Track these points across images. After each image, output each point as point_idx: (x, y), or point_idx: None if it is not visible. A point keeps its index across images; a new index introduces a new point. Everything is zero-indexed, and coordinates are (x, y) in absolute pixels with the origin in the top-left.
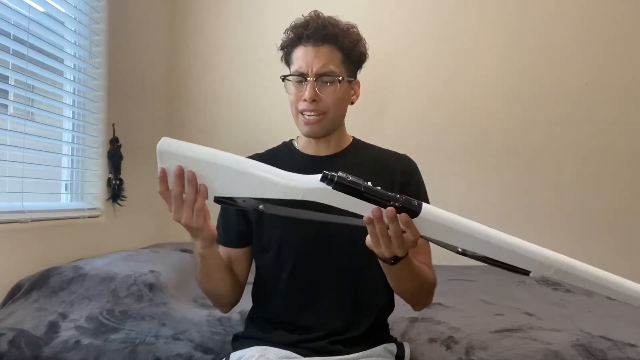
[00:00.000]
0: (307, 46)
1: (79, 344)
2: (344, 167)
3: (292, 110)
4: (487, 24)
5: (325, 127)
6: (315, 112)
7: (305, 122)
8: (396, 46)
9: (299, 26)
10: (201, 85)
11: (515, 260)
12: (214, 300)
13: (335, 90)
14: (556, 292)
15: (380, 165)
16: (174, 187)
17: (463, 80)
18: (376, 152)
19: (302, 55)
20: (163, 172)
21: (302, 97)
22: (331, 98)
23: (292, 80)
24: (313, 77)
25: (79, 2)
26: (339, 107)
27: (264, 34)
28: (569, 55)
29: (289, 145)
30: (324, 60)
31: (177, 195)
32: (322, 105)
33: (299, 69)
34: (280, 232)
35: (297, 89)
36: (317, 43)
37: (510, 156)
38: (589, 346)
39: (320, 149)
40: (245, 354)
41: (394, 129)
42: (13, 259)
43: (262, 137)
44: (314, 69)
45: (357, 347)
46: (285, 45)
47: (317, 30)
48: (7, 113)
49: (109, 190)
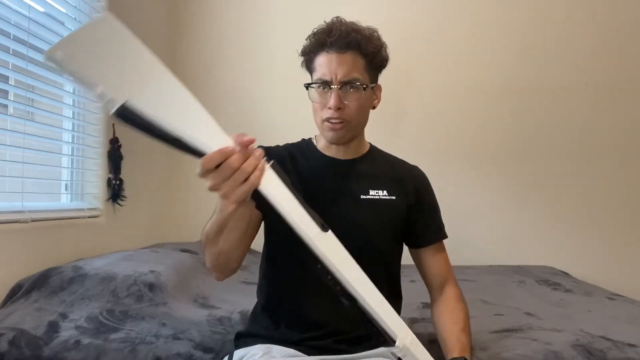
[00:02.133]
0: (330, 53)
1: (79, 343)
2: (363, 172)
3: (315, 118)
4: (485, 23)
5: (349, 133)
6: (339, 119)
7: (330, 128)
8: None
9: (322, 32)
10: (201, 85)
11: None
12: (221, 262)
13: (359, 97)
14: (556, 292)
15: (397, 175)
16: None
17: (473, 82)
18: (392, 161)
19: (325, 63)
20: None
21: (326, 105)
22: (355, 105)
23: (316, 88)
24: (337, 85)
25: (79, 2)
26: (363, 114)
27: (265, 33)
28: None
29: (308, 144)
30: (348, 67)
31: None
32: (347, 113)
33: (322, 77)
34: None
35: (321, 97)
36: (341, 50)
37: (515, 157)
38: (589, 346)
39: (340, 152)
40: (249, 352)
41: (410, 135)
42: (13, 259)
43: (263, 136)
44: (339, 76)
45: (360, 347)
46: (307, 52)
47: (341, 37)
48: (7, 113)
49: (109, 190)
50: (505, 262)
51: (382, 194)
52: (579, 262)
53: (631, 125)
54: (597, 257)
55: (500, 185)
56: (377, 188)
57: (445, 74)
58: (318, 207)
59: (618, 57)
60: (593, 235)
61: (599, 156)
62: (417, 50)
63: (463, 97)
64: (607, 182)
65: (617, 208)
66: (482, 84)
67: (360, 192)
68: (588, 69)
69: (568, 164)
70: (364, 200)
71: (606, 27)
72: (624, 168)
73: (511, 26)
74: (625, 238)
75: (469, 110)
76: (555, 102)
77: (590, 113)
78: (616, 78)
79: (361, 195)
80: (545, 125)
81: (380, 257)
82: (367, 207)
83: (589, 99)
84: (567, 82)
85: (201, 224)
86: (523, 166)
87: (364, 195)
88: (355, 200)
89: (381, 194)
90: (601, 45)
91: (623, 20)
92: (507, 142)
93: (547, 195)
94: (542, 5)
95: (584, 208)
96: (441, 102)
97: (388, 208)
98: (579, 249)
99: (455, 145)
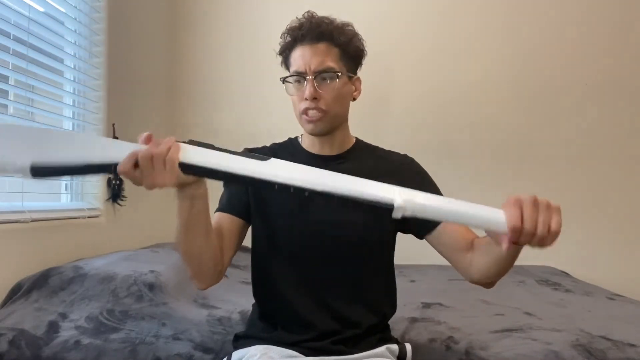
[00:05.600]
0: (303, 46)
1: (79, 344)
2: (349, 167)
3: (295, 112)
4: (485, 23)
5: (328, 124)
6: (317, 110)
7: (308, 120)
8: (393, 45)
9: (294, 28)
10: (201, 84)
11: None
12: (194, 266)
13: (334, 86)
14: (556, 292)
15: (386, 166)
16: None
17: (462, 79)
18: (379, 153)
19: (299, 56)
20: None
21: (303, 96)
22: (331, 94)
23: (292, 82)
24: (312, 75)
25: (79, 2)
26: (341, 103)
27: (264, 32)
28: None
29: (294, 142)
30: (321, 57)
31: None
32: (324, 103)
33: (297, 69)
34: (285, 228)
35: (297, 90)
36: (313, 41)
37: (511, 155)
38: (589, 346)
39: (324, 148)
40: (247, 353)
41: (394, 128)
42: (13, 259)
43: (263, 136)
44: (312, 66)
45: (359, 347)
46: (283, 50)
47: (312, 29)
48: (7, 113)
49: (109, 190)
50: None
51: None
52: (579, 262)
53: (631, 125)
54: (597, 257)
55: (499, 185)
56: None
57: (445, 72)
58: (301, 205)
59: (618, 57)
60: (593, 236)
61: (599, 156)
62: (406, 46)
63: (464, 97)
64: (607, 182)
65: (617, 208)
66: (483, 84)
67: None
68: (588, 69)
69: (567, 164)
70: None
71: (607, 27)
72: (624, 168)
73: (508, 23)
74: (625, 238)
75: (468, 110)
76: (555, 102)
77: (590, 113)
78: (616, 78)
79: None
80: (545, 124)
81: (370, 251)
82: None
83: (589, 99)
84: (567, 81)
85: None
86: (521, 165)
87: None
88: None
89: None
90: (601, 44)
91: (623, 20)
92: (506, 141)
93: (547, 195)
94: (540, 3)
95: (584, 208)
96: (432, 98)
97: None
98: (579, 249)
99: (454, 143)
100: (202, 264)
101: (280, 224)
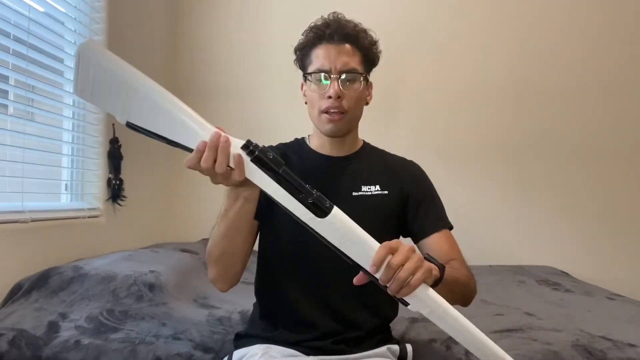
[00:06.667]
0: (329, 45)
1: (79, 344)
2: (356, 168)
3: (311, 111)
4: (491, 27)
5: (346, 125)
6: (339, 109)
7: (329, 119)
8: (403, 48)
9: (320, 26)
10: (201, 84)
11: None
12: (225, 266)
13: (357, 88)
14: (556, 292)
15: (391, 170)
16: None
17: (469, 81)
18: (386, 157)
19: (324, 54)
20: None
21: (325, 94)
22: (354, 96)
23: (313, 80)
24: (337, 74)
25: (79, 2)
26: (360, 106)
27: (265, 29)
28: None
29: (301, 143)
30: (347, 58)
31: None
32: (345, 103)
33: (321, 67)
34: (292, 230)
35: (319, 87)
36: (339, 41)
37: (514, 157)
38: (589, 346)
39: (333, 149)
40: (248, 352)
41: (403, 132)
42: (13, 259)
43: (265, 132)
44: (338, 66)
45: (360, 347)
46: (303, 46)
47: (339, 29)
48: (7, 113)
49: (109, 190)
50: (505, 262)
51: (374, 190)
52: (579, 262)
53: (632, 125)
54: (597, 257)
55: (500, 185)
56: (369, 183)
57: (445, 72)
58: None
59: (618, 57)
60: (593, 235)
61: (599, 156)
62: (415, 49)
63: (463, 97)
64: (608, 182)
65: (617, 208)
66: (483, 84)
67: (351, 189)
68: (588, 69)
69: (568, 164)
70: (354, 197)
71: (607, 27)
72: (624, 168)
73: (511, 24)
74: (625, 238)
75: (468, 111)
76: (555, 102)
77: (591, 113)
78: (617, 78)
79: (352, 192)
80: (545, 125)
81: None
82: (358, 204)
83: (589, 99)
84: (567, 81)
85: (201, 224)
86: (523, 167)
87: (355, 192)
88: (346, 198)
89: (373, 189)
90: (601, 45)
91: (623, 20)
92: (507, 142)
93: (548, 196)
94: (542, 3)
95: (584, 208)
96: (439, 101)
97: (380, 202)
98: (579, 249)
99: (454, 146)
100: (234, 264)
101: (288, 226)
